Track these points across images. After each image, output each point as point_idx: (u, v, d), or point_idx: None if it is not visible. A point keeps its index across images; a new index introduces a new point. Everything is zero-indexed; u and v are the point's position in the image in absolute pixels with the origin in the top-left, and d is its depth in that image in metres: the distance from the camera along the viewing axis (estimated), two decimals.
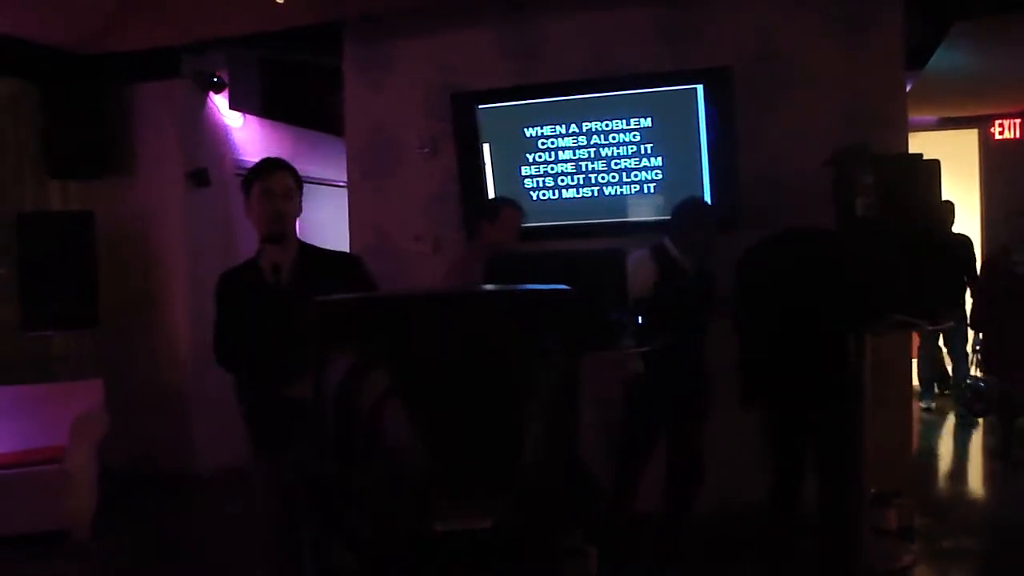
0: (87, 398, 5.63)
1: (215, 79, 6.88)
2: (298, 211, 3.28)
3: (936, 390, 8.32)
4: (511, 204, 4.70)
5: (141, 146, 6.76)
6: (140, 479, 6.32)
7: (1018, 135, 8.57)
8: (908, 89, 5.54)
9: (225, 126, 7.17)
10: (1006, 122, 8.59)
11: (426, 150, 5.81)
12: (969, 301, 6.70)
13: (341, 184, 6.14)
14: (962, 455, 7.18)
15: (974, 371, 7.99)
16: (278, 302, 3.09)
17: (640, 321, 4.09)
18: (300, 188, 3.30)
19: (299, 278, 3.15)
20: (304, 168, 8.31)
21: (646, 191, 5.22)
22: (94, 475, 5.40)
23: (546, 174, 5.41)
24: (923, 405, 8.23)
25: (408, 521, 1.65)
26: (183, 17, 5.83)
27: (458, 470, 1.62)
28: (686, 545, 4.61)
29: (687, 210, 4.45)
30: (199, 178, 6.73)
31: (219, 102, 7.07)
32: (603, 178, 5.31)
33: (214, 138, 7.06)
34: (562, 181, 5.39)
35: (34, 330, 6.08)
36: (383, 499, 1.66)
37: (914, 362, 7.65)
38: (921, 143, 5.68)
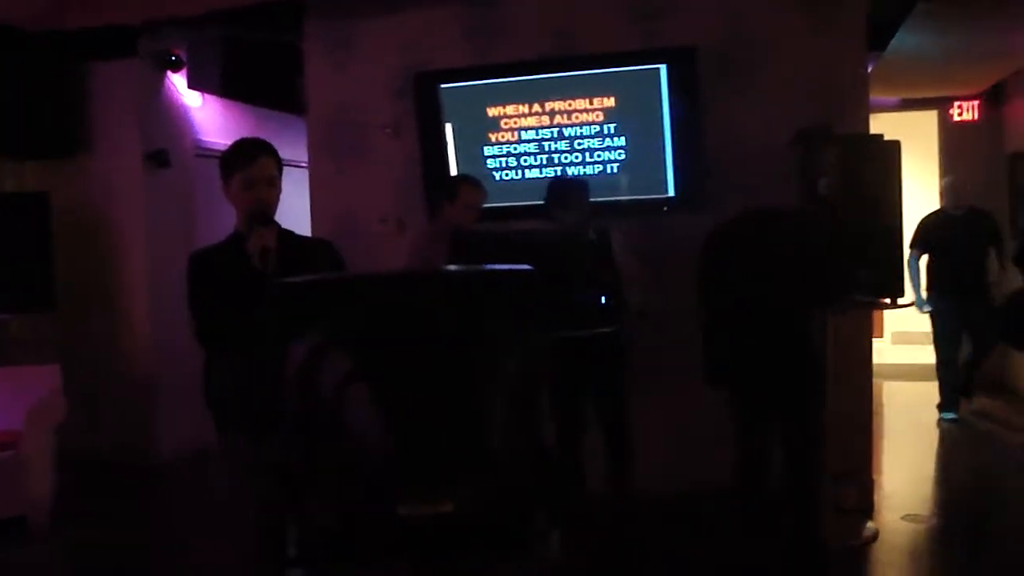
0: (43, 383, 5.52)
1: (173, 58, 6.77)
2: (279, 194, 3.15)
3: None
4: (469, 182, 4.73)
5: (98, 126, 6.64)
6: (99, 465, 6.25)
7: (976, 117, 8.66)
8: (870, 69, 5.58)
9: (184, 106, 7.06)
10: (964, 104, 8.67)
11: (388, 130, 5.76)
12: None
13: (303, 165, 6.08)
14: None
15: None
16: (266, 287, 2.99)
17: (604, 302, 4.10)
18: (281, 171, 3.16)
19: (282, 264, 3.00)
20: None
21: (609, 171, 5.21)
22: (51, 461, 5.32)
23: (509, 154, 5.38)
24: (946, 417, 7.19)
25: (371, 506, 1.63)
26: None
27: (421, 454, 1.61)
28: (644, 523, 4.64)
29: (548, 194, 4.51)
30: (158, 159, 6.63)
31: (178, 81, 6.95)
32: (566, 158, 5.29)
33: (173, 118, 6.94)
34: (525, 161, 5.37)
35: None
36: (346, 483, 1.64)
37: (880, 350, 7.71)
38: (882, 124, 5.71)
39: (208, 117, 7.35)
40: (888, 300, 4.62)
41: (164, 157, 6.65)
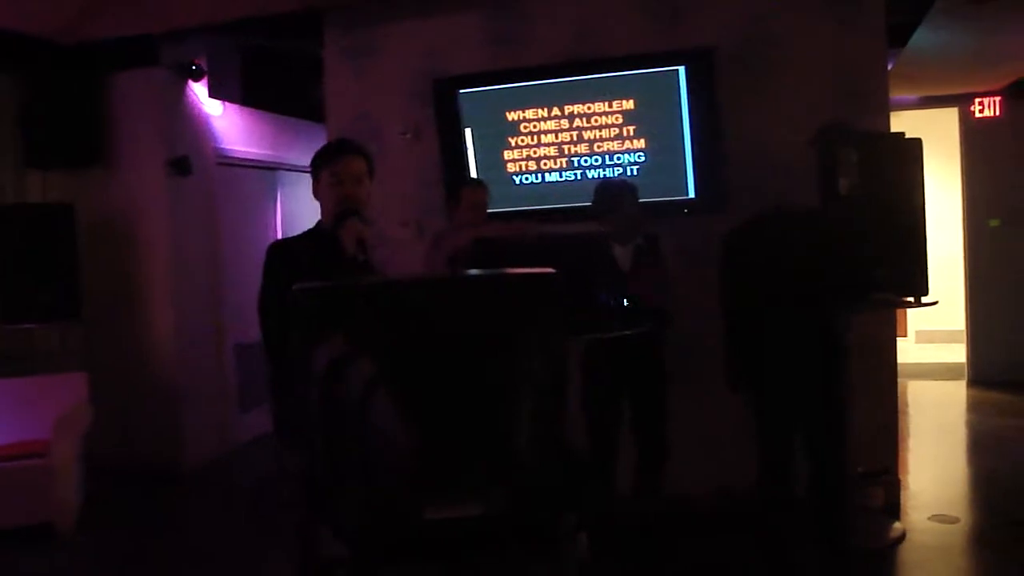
0: (71, 391, 5.59)
1: (194, 67, 6.82)
2: (368, 193, 3.15)
3: None
4: (469, 183, 4.89)
5: (121, 136, 6.69)
6: (125, 472, 6.30)
7: (998, 113, 8.58)
8: (890, 68, 5.55)
9: (205, 114, 7.11)
10: (986, 100, 8.59)
11: (408, 136, 5.78)
12: None
13: None
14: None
15: None
16: (367, 274, 2.97)
17: (626, 303, 4.09)
18: (372, 172, 3.17)
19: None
20: (285, 156, 8.28)
21: (629, 174, 5.21)
22: (78, 469, 5.38)
23: (529, 158, 5.39)
24: None
25: (398, 509, 1.63)
26: (161, 4, 5.77)
27: (448, 457, 1.61)
28: (672, 525, 4.63)
29: (596, 196, 4.48)
30: (180, 167, 6.68)
31: (199, 90, 7.01)
32: (586, 161, 5.30)
33: (194, 127, 6.99)
34: (545, 165, 5.37)
35: (15, 323, 6.02)
36: (373, 487, 1.64)
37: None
38: (903, 122, 5.68)
39: (229, 125, 7.40)
40: (911, 299, 4.59)
41: (186, 165, 6.70)
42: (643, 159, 5.19)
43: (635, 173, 5.20)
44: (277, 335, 2.88)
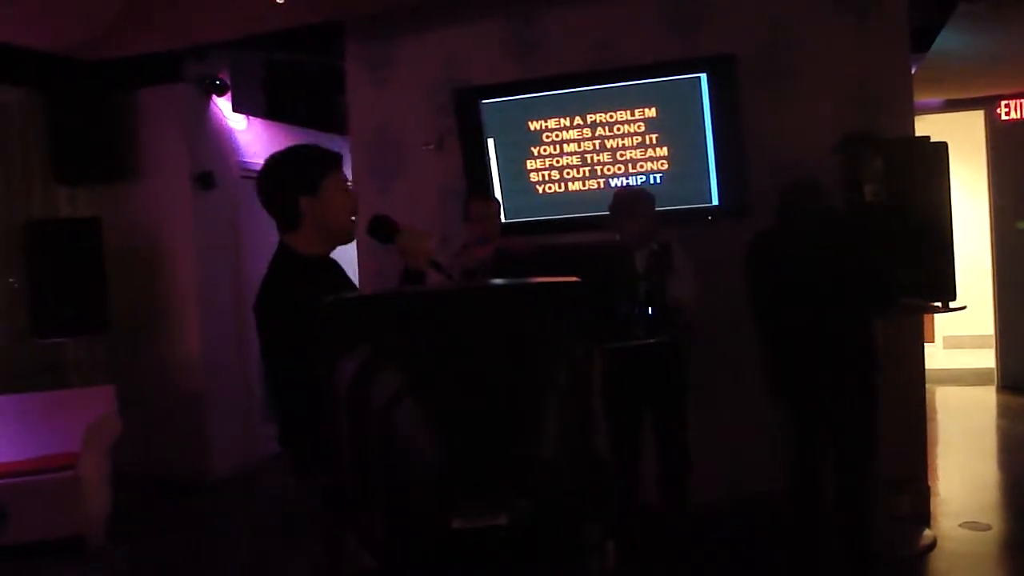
0: (99, 404, 5.64)
1: (218, 82, 6.89)
2: None
3: None
4: (476, 196, 4.90)
5: (146, 151, 6.78)
6: (154, 484, 6.34)
7: None
8: (913, 72, 5.52)
9: (229, 129, 7.18)
10: (1012, 102, 8.51)
11: (431, 147, 5.80)
12: None
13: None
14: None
15: None
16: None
17: (651, 313, 4.08)
18: None
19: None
20: None
21: (652, 181, 5.20)
22: (107, 480, 5.42)
23: (552, 167, 5.39)
24: None
25: (424, 519, 1.64)
26: (185, 21, 5.82)
27: (474, 467, 1.62)
28: (696, 535, 4.61)
29: (614, 204, 4.48)
30: (205, 181, 6.75)
31: (223, 105, 7.07)
32: (609, 169, 5.29)
33: (219, 141, 7.06)
34: (568, 174, 5.37)
35: (45, 337, 6.09)
36: (399, 497, 1.65)
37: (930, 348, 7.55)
38: (927, 126, 5.64)
39: (253, 139, 7.46)
40: (939, 304, 4.55)
41: (210, 179, 6.77)
42: (666, 167, 5.18)
43: (658, 181, 5.19)
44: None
